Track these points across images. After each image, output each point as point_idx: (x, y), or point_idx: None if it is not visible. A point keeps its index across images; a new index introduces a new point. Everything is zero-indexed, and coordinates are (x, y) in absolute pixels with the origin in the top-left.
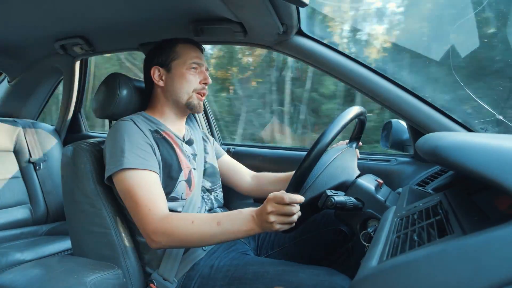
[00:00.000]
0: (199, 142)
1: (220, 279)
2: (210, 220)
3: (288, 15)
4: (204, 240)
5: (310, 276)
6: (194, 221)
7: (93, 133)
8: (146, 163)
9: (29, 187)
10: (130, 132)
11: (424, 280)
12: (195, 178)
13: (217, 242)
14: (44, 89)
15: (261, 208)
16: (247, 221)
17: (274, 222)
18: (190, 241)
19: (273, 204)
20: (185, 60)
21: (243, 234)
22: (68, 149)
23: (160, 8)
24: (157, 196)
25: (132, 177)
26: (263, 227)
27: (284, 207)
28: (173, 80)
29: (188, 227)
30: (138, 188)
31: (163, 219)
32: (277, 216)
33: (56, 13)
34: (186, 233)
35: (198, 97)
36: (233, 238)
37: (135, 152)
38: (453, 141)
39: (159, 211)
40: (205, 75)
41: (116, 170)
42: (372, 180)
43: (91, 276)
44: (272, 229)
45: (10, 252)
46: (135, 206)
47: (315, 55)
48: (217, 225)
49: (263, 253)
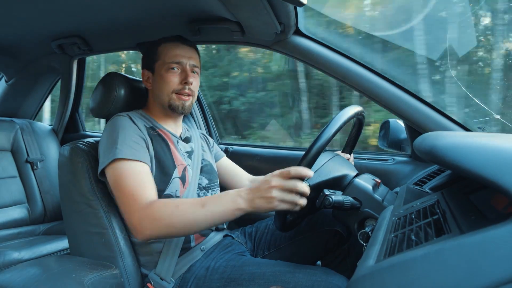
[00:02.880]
0: (197, 140)
1: (216, 280)
2: (195, 203)
3: (285, 14)
4: (190, 225)
5: (306, 276)
6: (179, 205)
7: (90, 133)
8: (137, 154)
9: (26, 187)
10: (125, 125)
11: (421, 279)
12: (189, 176)
13: (204, 225)
14: (41, 88)
15: (260, 184)
16: (233, 200)
17: (275, 198)
18: (175, 226)
19: (276, 178)
20: (164, 60)
21: (229, 214)
22: (65, 148)
23: (158, 8)
24: (145, 185)
25: (122, 167)
26: (255, 205)
27: (288, 181)
28: (156, 82)
29: (173, 211)
30: (126, 178)
31: (147, 206)
32: (280, 191)
33: (53, 13)
34: (171, 217)
35: (179, 97)
36: (219, 220)
37: (127, 143)
38: (450, 140)
39: (144, 199)
40: (186, 74)
41: (109, 161)
42: (370, 179)
43: (89, 276)
44: (268, 206)
45: (7, 251)
46: (122, 196)
47: (313, 54)
48: (201, 207)
49: (260, 254)
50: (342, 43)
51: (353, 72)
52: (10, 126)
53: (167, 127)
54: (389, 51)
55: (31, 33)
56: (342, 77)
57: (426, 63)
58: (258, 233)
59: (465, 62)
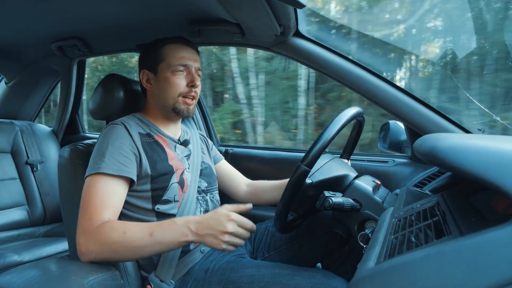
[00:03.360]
0: (196, 142)
1: (215, 283)
2: (143, 231)
3: (285, 16)
4: (135, 252)
5: (306, 278)
6: (126, 232)
7: (90, 135)
8: (123, 169)
9: (26, 189)
10: (117, 136)
11: (421, 281)
12: (188, 180)
13: (149, 254)
14: (41, 90)
15: (213, 221)
16: (181, 232)
17: (226, 242)
18: (119, 252)
19: (233, 224)
20: (170, 62)
21: (176, 244)
22: (65, 150)
23: (158, 10)
24: (107, 205)
25: (98, 182)
26: (204, 240)
27: (243, 231)
28: (159, 84)
29: (119, 238)
30: (94, 195)
31: (97, 228)
32: (232, 237)
33: (53, 15)
34: (116, 244)
35: (185, 101)
36: (166, 249)
37: (115, 157)
38: (450, 142)
39: (98, 219)
40: (193, 77)
41: (91, 173)
42: (370, 181)
43: (89, 278)
44: (216, 247)
45: (7, 253)
46: (82, 210)
47: (313, 56)
48: (149, 236)
49: (260, 256)
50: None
51: (353, 74)
52: (10, 128)
53: (165, 131)
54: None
55: (31, 35)
56: (342, 79)
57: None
58: (258, 235)
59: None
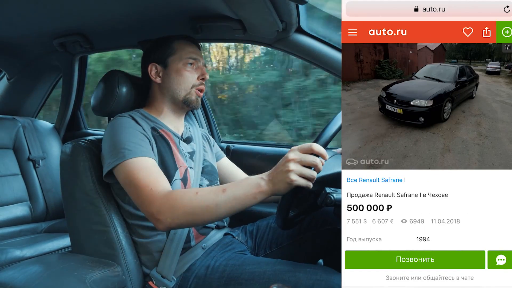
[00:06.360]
0: (198, 140)
1: (216, 279)
2: (215, 189)
3: (287, 12)
4: (211, 210)
5: (307, 275)
6: (198, 191)
7: (92, 131)
8: (144, 151)
9: (28, 185)
10: (128, 125)
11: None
12: (191, 177)
13: (225, 211)
14: (43, 86)
15: (279, 162)
16: (255, 183)
17: (293, 171)
18: (195, 213)
19: (296, 152)
20: (181, 55)
21: (251, 198)
22: (66, 146)
23: (159, 6)
24: (158, 176)
25: (133, 165)
26: (275, 183)
27: (308, 156)
28: (169, 76)
29: (192, 198)
30: (139, 173)
31: (166, 195)
32: (298, 165)
33: (55, 11)
34: (191, 204)
35: (197, 93)
36: (240, 205)
37: (133, 141)
38: None
39: (161, 189)
40: (203, 70)
41: (118, 163)
42: None
43: (90, 274)
44: (286, 181)
45: (9, 249)
46: (138, 190)
47: (314, 52)
48: (222, 192)
49: (261, 253)
50: None
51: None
52: (12, 124)
53: (169, 126)
54: None
55: (33, 31)
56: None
57: None
58: (260, 232)
59: None
